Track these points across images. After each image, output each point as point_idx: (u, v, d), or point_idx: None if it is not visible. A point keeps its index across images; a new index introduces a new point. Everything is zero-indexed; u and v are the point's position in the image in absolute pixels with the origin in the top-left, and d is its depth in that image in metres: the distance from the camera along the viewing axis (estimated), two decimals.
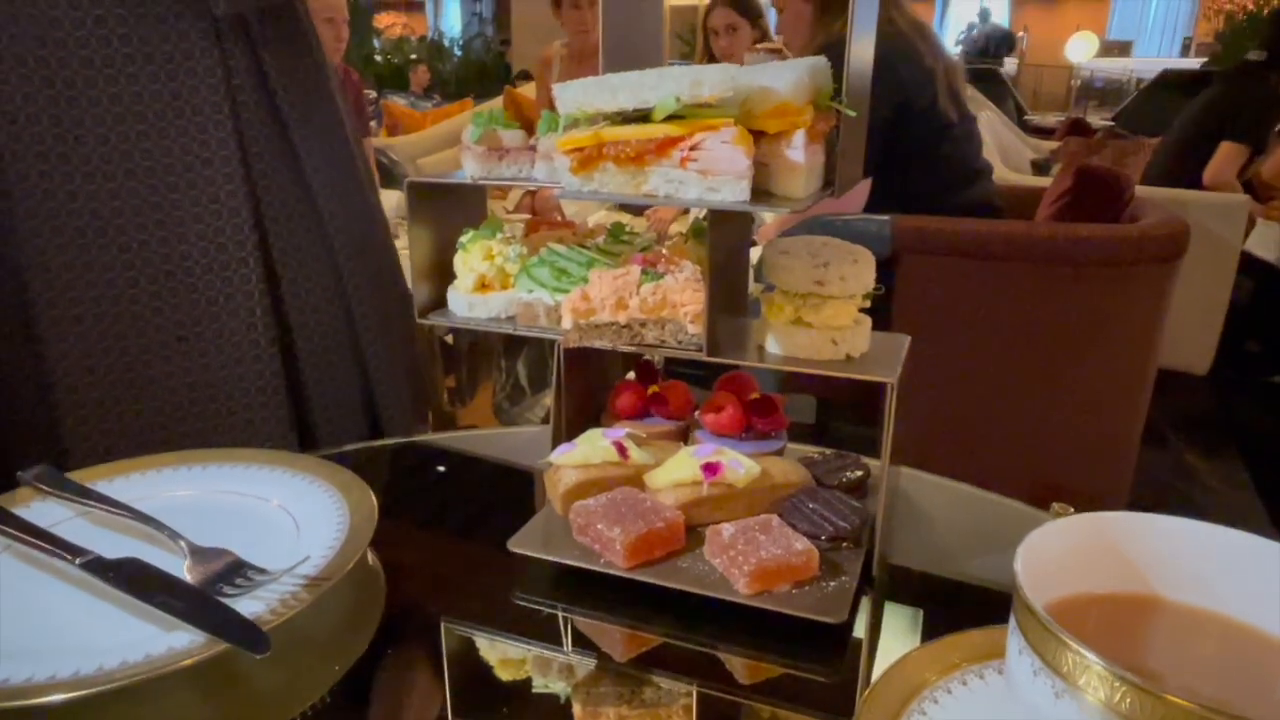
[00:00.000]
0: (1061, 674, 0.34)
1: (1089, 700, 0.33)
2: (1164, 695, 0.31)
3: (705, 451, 0.65)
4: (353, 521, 0.65)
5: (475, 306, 0.71)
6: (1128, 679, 0.31)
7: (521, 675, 0.56)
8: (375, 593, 0.63)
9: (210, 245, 0.85)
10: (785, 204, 0.53)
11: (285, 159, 0.90)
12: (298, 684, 0.55)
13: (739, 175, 0.51)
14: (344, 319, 0.95)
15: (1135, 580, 0.41)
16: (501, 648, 0.58)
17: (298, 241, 0.91)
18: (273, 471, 0.73)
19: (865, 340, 0.65)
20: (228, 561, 0.59)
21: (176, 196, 0.84)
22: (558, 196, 0.57)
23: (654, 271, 0.65)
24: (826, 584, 0.59)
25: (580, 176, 0.54)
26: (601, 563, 0.61)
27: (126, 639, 0.52)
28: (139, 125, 0.82)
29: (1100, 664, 0.32)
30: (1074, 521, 0.41)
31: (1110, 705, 0.32)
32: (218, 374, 0.87)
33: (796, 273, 0.62)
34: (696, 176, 0.52)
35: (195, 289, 0.85)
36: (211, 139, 0.84)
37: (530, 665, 0.57)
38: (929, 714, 0.46)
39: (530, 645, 0.58)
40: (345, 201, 0.95)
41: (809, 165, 0.53)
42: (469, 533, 0.74)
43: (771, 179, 0.54)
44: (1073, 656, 0.33)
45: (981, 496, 0.75)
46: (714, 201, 0.52)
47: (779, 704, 0.53)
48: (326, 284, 0.94)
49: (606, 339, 0.65)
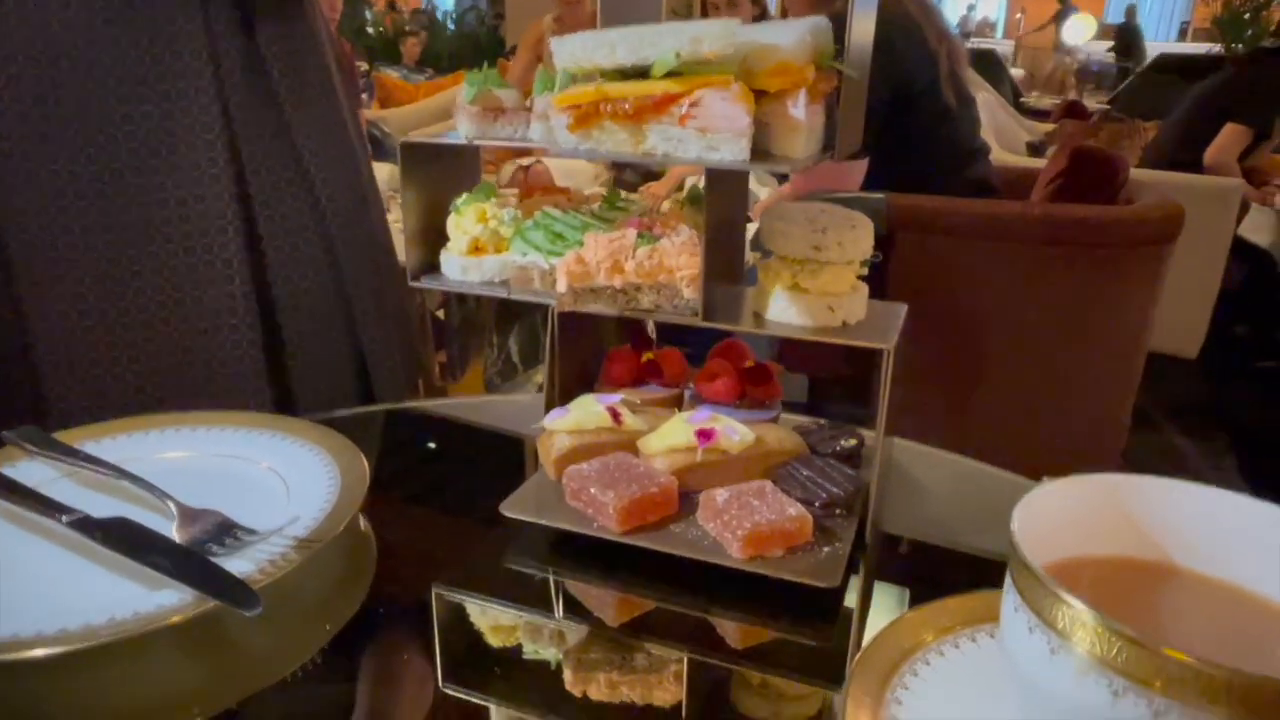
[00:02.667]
0: (1057, 630, 0.34)
1: (1085, 656, 0.33)
2: (1161, 650, 0.31)
3: (700, 417, 0.65)
4: (344, 484, 0.64)
5: (468, 270, 0.70)
6: (1124, 633, 0.31)
7: (512, 641, 0.56)
8: (366, 557, 0.63)
9: (190, 211, 0.84)
10: (785, 164, 0.52)
11: (274, 126, 0.88)
12: (286, 645, 0.54)
13: (739, 133, 0.50)
14: (335, 289, 0.94)
15: (1138, 544, 0.41)
16: (493, 613, 0.58)
17: (285, 210, 0.90)
18: (263, 434, 0.72)
19: (862, 308, 0.65)
20: (216, 522, 0.58)
21: (156, 162, 0.83)
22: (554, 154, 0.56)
23: (650, 235, 0.64)
24: (820, 549, 0.59)
25: (578, 134, 0.53)
26: (594, 527, 0.61)
27: (114, 597, 0.51)
28: (120, 88, 0.80)
29: (1096, 619, 0.32)
30: (1075, 482, 0.41)
31: (1106, 660, 0.32)
32: (197, 340, 0.86)
33: (794, 238, 0.62)
34: (696, 134, 0.51)
35: (175, 255, 0.84)
36: (193, 104, 0.83)
37: (521, 631, 0.56)
38: (921, 676, 0.46)
39: (521, 611, 0.58)
40: (338, 170, 0.94)
41: (810, 125, 0.52)
42: (460, 498, 0.74)
43: (771, 139, 0.53)
44: (1068, 612, 0.33)
45: (975, 468, 0.74)
46: (713, 160, 0.51)
47: (771, 669, 0.53)
48: (316, 254, 0.92)
49: (602, 303, 0.64)
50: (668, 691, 0.50)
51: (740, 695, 0.51)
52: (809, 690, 0.51)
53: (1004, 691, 0.43)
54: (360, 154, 1.02)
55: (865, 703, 0.44)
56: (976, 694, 0.45)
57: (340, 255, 0.93)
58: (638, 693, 0.49)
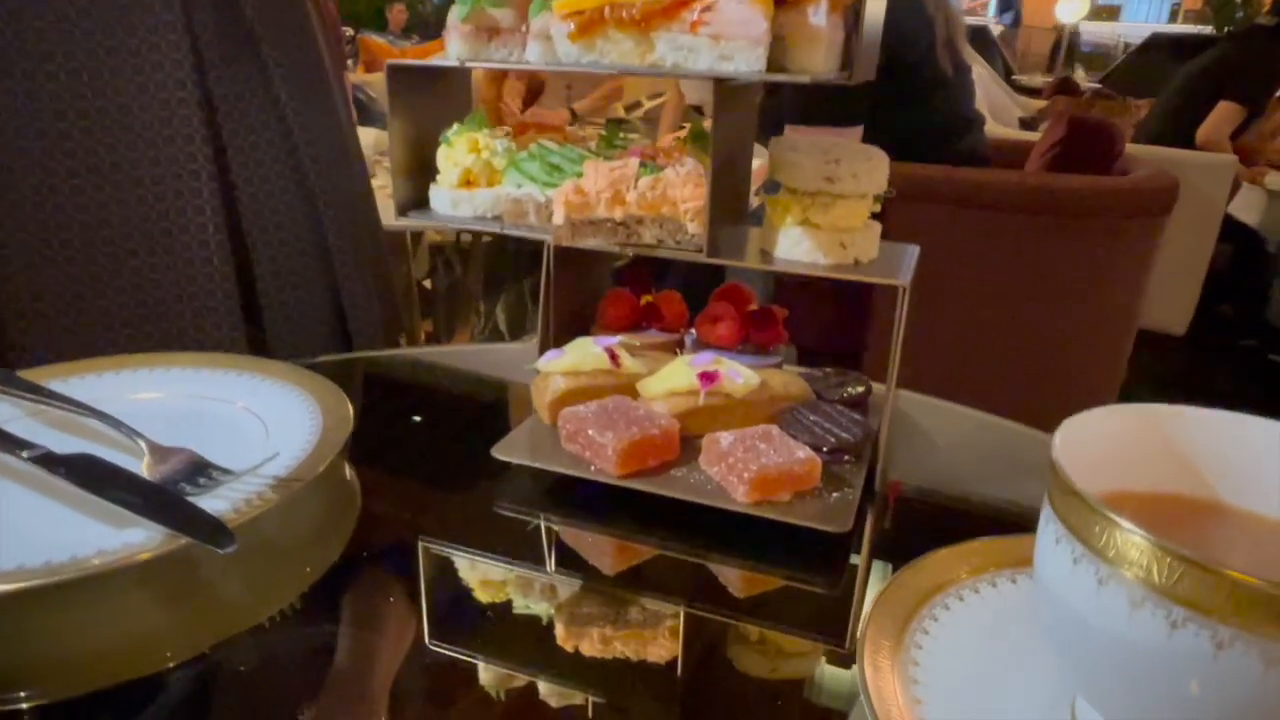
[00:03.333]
0: (1106, 559, 0.31)
1: (1138, 585, 0.30)
2: (1228, 572, 0.28)
3: (703, 360, 0.62)
4: (326, 425, 0.61)
5: (459, 204, 0.67)
6: (1185, 555, 0.29)
7: (503, 593, 0.53)
8: (349, 502, 0.60)
9: (159, 154, 0.80)
10: (804, 75, 0.49)
11: (250, 69, 0.84)
12: (263, 590, 0.51)
13: (755, 40, 0.46)
14: (313, 240, 0.91)
15: (1183, 479, 0.38)
16: (482, 565, 0.55)
17: (261, 156, 0.86)
18: (241, 376, 0.68)
19: (875, 246, 0.61)
20: (190, 460, 0.55)
21: (123, 100, 0.78)
22: (552, 69, 0.52)
23: (654, 164, 0.60)
24: (828, 495, 0.56)
25: (580, 44, 0.50)
26: (591, 471, 0.58)
27: (77, 535, 0.48)
28: (83, 21, 0.76)
29: (1152, 543, 0.29)
30: (1116, 411, 0.38)
31: (1164, 588, 0.29)
32: (167, 287, 0.82)
33: (806, 169, 0.58)
34: (708, 43, 0.47)
35: (144, 200, 0.80)
36: (161, 41, 0.79)
37: (512, 583, 0.53)
38: (941, 621, 0.43)
39: (513, 562, 0.54)
40: (318, 119, 0.90)
41: (830, 38, 0.49)
42: (449, 445, 0.71)
43: (788, 53, 0.49)
44: (1120, 537, 0.30)
45: (984, 419, 0.72)
46: (726, 71, 0.48)
47: (777, 620, 0.50)
48: (294, 203, 0.88)
49: (601, 237, 0.60)
50: (668, 645, 0.47)
51: (745, 647, 0.48)
52: (817, 641, 0.49)
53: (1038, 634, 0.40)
54: (343, 110, 0.98)
55: (884, 645, 0.41)
56: (1006, 636, 0.43)
57: (320, 207, 0.90)
58: (634, 648, 0.46)
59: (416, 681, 0.46)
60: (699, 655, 0.47)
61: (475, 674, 0.45)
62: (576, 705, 0.43)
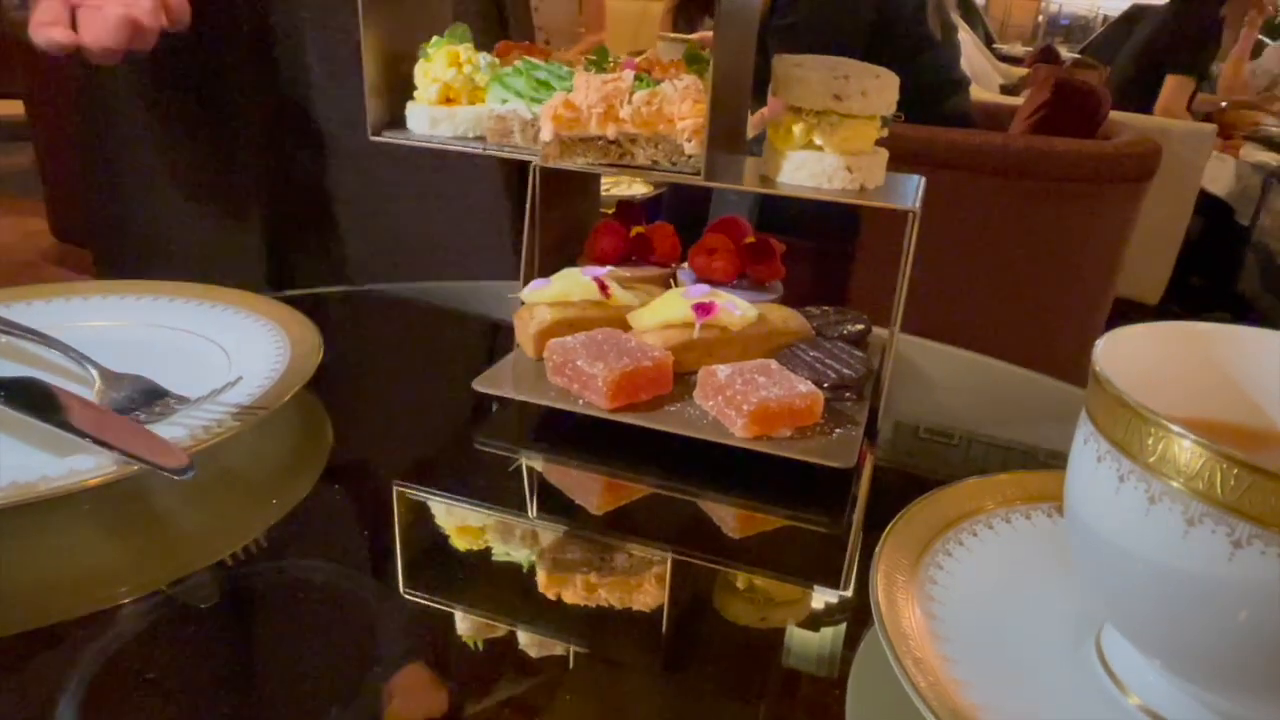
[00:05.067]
0: (1161, 474, 0.28)
1: (1196, 500, 0.27)
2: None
3: (697, 292, 0.58)
4: (294, 354, 0.57)
5: (439, 122, 0.62)
6: (1253, 465, 0.26)
7: (484, 534, 0.49)
8: (319, 438, 0.56)
9: None
10: None
11: None
12: (224, 524, 0.47)
13: None
14: None
15: (1233, 403, 0.35)
16: (462, 503, 0.51)
17: None
18: (201, 305, 0.64)
19: (881, 172, 0.58)
20: (144, 386, 0.51)
21: None
22: None
23: (649, 78, 0.56)
24: (831, 431, 0.53)
25: None
26: (580, 404, 0.54)
27: (19, 461, 0.44)
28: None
29: (1218, 450, 0.27)
30: (1160, 328, 0.35)
31: (1228, 503, 0.27)
32: None
33: (813, 85, 0.55)
34: None
35: None
36: None
37: (494, 523, 0.49)
38: (967, 545, 0.41)
39: (494, 506, 0.51)
40: None
41: None
42: (426, 380, 0.67)
43: None
44: (1179, 447, 0.28)
45: (984, 361, 0.69)
46: None
47: (777, 561, 0.47)
48: None
49: (591, 156, 0.56)
50: (658, 590, 0.44)
51: (741, 593, 0.45)
52: (825, 582, 0.46)
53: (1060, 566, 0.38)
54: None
55: (898, 581, 0.38)
56: (1026, 569, 0.40)
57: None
58: (621, 595, 0.43)
59: (390, 629, 0.42)
60: (691, 600, 0.44)
61: (452, 623, 0.42)
62: (558, 655, 0.39)
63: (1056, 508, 0.44)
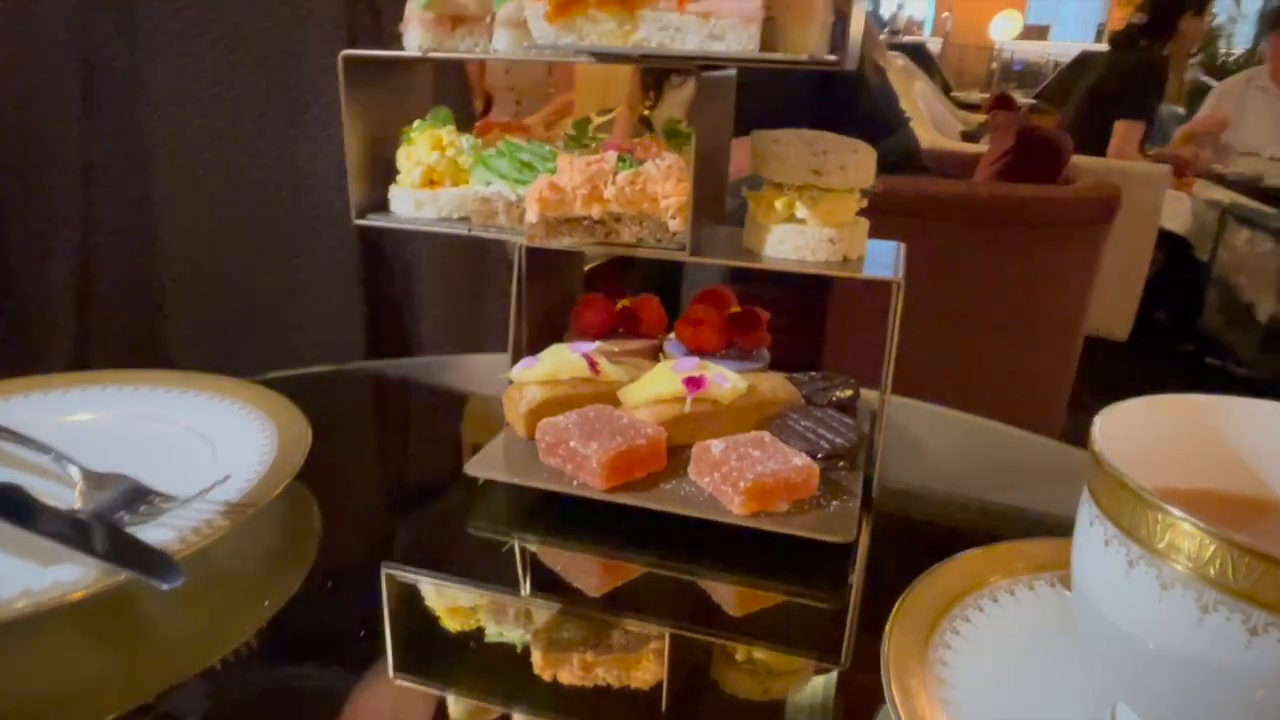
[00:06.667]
0: (1171, 561, 0.28)
1: (1209, 589, 0.27)
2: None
3: (687, 365, 0.58)
4: (281, 443, 0.56)
5: (423, 205, 0.62)
6: (1266, 554, 0.26)
7: (478, 617, 0.48)
8: (309, 530, 0.55)
9: None
10: (799, 54, 0.46)
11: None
12: (214, 629, 0.46)
13: (748, 18, 0.43)
14: None
15: (1233, 474, 0.35)
16: (456, 588, 0.50)
17: None
18: (185, 394, 0.63)
19: (863, 242, 0.59)
20: (128, 487, 0.50)
21: None
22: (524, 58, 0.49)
23: (631, 158, 0.57)
24: (828, 503, 0.53)
25: (557, 26, 0.46)
26: (574, 485, 0.54)
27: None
28: None
29: (1229, 540, 0.27)
30: (1156, 402, 0.35)
31: (1242, 591, 0.27)
32: None
33: (792, 161, 0.56)
34: (697, 21, 0.44)
35: None
36: None
37: (488, 610, 0.48)
38: (962, 634, 0.40)
39: (490, 588, 0.50)
40: None
41: (823, 18, 0.46)
42: (416, 464, 0.66)
43: (779, 34, 0.46)
44: (1188, 535, 0.28)
45: (969, 420, 0.70)
46: (717, 51, 0.45)
47: (779, 637, 0.47)
48: None
49: (577, 236, 0.57)
50: (659, 669, 0.43)
51: (743, 670, 0.44)
52: (828, 659, 0.45)
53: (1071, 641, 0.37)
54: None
55: (909, 666, 0.38)
56: (1036, 644, 0.40)
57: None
58: (620, 674, 0.42)
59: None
60: (693, 679, 0.43)
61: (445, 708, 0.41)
62: None
63: (1059, 578, 0.44)
